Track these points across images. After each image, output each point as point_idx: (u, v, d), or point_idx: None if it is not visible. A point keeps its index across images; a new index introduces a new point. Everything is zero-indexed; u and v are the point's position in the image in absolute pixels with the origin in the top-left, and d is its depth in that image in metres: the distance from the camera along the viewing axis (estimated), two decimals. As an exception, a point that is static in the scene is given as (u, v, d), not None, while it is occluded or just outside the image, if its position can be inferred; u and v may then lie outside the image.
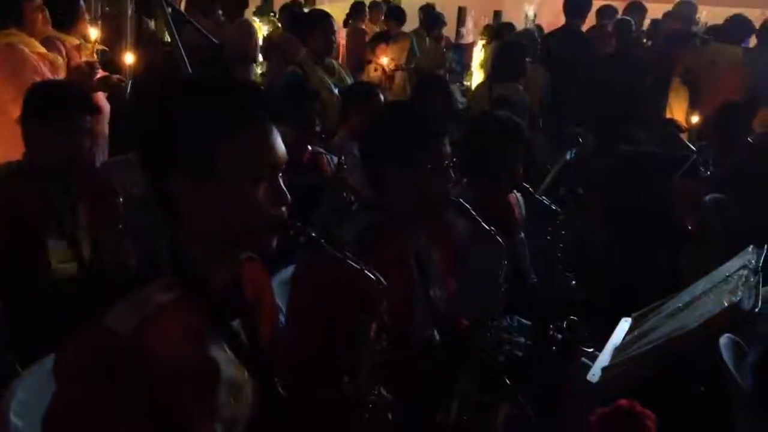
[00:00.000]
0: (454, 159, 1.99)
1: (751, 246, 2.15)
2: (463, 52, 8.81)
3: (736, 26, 5.86)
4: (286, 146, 1.33)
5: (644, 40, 6.81)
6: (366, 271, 1.40)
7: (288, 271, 2.25)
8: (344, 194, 3.19)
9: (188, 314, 1.27)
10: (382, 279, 1.40)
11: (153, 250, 1.32)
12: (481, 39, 8.67)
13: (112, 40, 4.50)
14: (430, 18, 8.29)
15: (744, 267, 1.97)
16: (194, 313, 1.29)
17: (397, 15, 7.89)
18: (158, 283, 1.27)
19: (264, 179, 1.28)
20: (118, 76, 3.90)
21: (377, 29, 8.30)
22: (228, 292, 1.35)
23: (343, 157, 3.39)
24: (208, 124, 1.26)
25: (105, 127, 3.90)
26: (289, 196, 1.31)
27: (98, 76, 3.74)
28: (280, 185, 1.31)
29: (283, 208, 1.31)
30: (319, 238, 1.36)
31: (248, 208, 1.27)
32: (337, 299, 1.80)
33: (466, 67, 8.47)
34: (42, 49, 3.60)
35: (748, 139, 3.69)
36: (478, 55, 8.26)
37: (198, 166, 1.25)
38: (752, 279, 1.87)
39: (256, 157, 1.28)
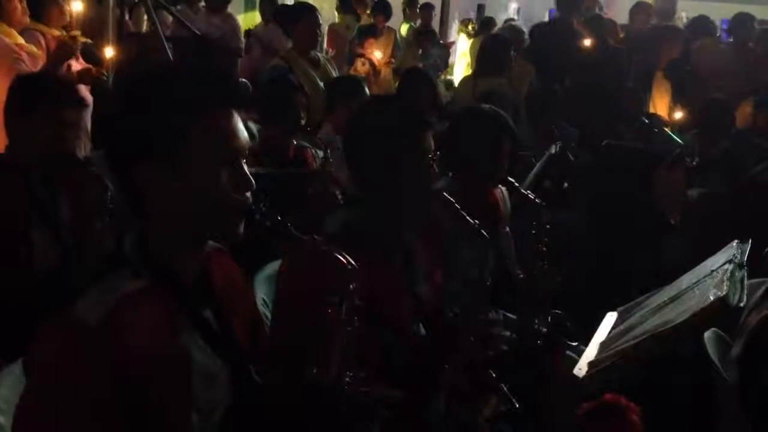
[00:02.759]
0: (438, 153, 1.98)
1: (736, 240, 2.15)
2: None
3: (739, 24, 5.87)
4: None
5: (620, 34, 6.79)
6: (335, 254, 1.40)
7: (272, 266, 2.24)
8: (330, 189, 3.17)
9: (157, 303, 1.27)
10: (352, 261, 1.40)
11: (120, 240, 1.32)
12: (461, 31, 8.68)
13: (94, 33, 4.45)
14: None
15: (729, 261, 1.97)
16: (163, 302, 1.28)
17: (384, 9, 7.88)
18: (125, 272, 1.26)
19: (227, 165, 1.29)
20: (99, 68, 3.85)
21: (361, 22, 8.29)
22: (196, 281, 1.35)
23: (329, 151, 3.37)
24: (170, 111, 1.26)
25: (87, 121, 3.85)
26: (253, 181, 1.32)
27: (80, 68, 3.69)
28: (244, 170, 1.32)
29: (248, 194, 1.32)
30: (286, 223, 1.36)
31: (212, 194, 1.28)
32: (314, 285, 1.79)
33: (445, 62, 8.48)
34: (21, 40, 3.55)
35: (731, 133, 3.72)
36: (462, 46, 8.27)
37: (161, 153, 1.26)
38: (738, 273, 1.87)
39: (220, 143, 1.29)
